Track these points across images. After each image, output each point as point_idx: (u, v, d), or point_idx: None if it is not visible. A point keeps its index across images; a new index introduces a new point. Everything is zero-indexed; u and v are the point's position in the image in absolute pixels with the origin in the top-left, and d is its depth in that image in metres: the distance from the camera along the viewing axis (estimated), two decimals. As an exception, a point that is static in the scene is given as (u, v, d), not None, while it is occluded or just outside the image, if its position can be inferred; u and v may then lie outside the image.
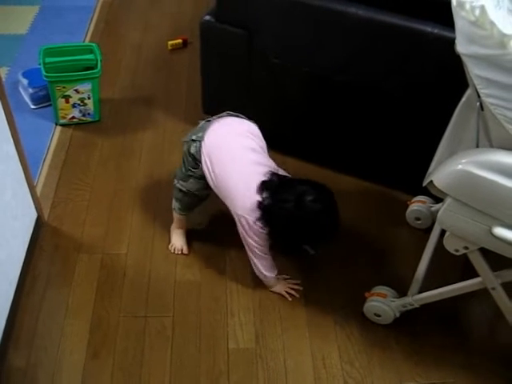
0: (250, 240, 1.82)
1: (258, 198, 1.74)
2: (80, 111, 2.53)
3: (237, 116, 1.93)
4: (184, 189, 1.95)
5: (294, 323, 1.89)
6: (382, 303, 1.82)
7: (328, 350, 1.83)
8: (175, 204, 2.03)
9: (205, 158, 1.82)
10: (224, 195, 1.84)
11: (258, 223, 1.76)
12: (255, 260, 1.88)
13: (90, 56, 2.54)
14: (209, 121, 1.90)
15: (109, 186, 2.30)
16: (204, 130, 1.86)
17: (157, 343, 1.82)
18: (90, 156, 2.43)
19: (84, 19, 3.25)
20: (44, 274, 1.99)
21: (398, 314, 1.84)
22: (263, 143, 1.90)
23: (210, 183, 1.85)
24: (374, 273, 2.02)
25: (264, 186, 1.75)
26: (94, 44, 2.60)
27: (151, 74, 2.90)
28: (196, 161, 1.86)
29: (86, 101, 2.50)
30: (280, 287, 1.97)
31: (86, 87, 2.46)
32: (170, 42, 3.05)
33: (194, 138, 1.86)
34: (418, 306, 1.79)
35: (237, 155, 1.82)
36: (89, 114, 2.56)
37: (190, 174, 1.91)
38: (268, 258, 1.89)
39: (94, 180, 2.32)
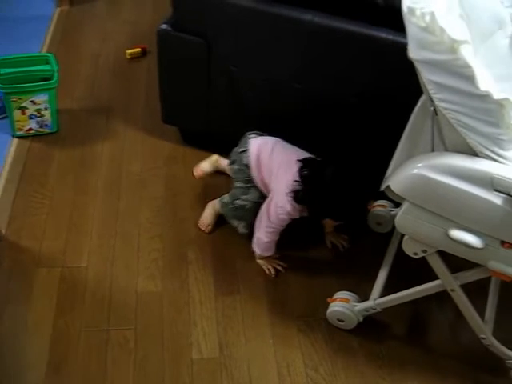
0: (272, 218, 1.93)
1: (296, 176, 1.86)
2: (37, 123, 2.49)
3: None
4: (247, 202, 2.04)
5: (257, 331, 1.88)
6: (345, 308, 1.83)
7: (292, 357, 1.82)
8: (239, 224, 2.09)
9: (254, 153, 2.00)
10: (268, 183, 1.99)
11: (291, 202, 1.87)
12: (261, 235, 1.97)
13: (47, 66, 2.50)
14: (245, 136, 2.08)
15: (68, 199, 2.26)
16: (246, 142, 2.05)
17: (119, 356, 1.79)
18: (49, 168, 2.39)
19: (40, 29, 3.20)
20: (2, 289, 1.94)
21: (361, 319, 1.85)
22: None
23: (258, 177, 2.00)
24: (337, 278, 2.02)
25: (302, 166, 1.88)
26: (50, 54, 2.56)
27: (110, 83, 2.87)
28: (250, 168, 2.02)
29: (43, 112, 2.46)
30: (265, 261, 2.04)
31: (42, 98, 2.43)
32: (129, 51, 3.03)
33: (242, 149, 2.04)
34: (380, 310, 1.80)
35: (278, 149, 2.01)
36: (46, 125, 2.52)
37: (250, 184, 2.04)
38: (272, 241, 1.99)
39: (53, 192, 2.28)
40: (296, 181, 1.85)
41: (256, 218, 2.00)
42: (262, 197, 2.03)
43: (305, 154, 1.96)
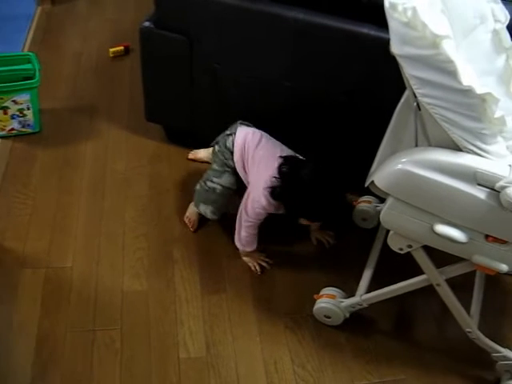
0: (249, 212, 1.94)
1: (275, 172, 1.86)
2: (19, 122, 2.47)
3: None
4: (218, 186, 2.02)
5: (244, 329, 1.88)
6: (331, 304, 1.83)
7: (279, 355, 1.82)
8: (206, 209, 2.07)
9: (240, 141, 1.99)
10: (248, 174, 1.99)
11: (266, 197, 1.87)
12: (241, 229, 1.98)
13: (28, 66, 2.48)
14: (236, 123, 2.08)
15: (52, 198, 2.24)
16: (235, 127, 2.04)
17: (105, 357, 1.78)
18: (32, 168, 2.36)
19: (22, 28, 3.17)
20: (-14, 292, 1.93)
21: (347, 315, 1.85)
22: None
23: (239, 163, 1.99)
24: (323, 275, 2.02)
25: (283, 163, 1.88)
26: (31, 53, 2.54)
27: (93, 82, 2.85)
28: (232, 153, 2.00)
29: (25, 111, 2.44)
30: (250, 259, 2.05)
31: (24, 98, 2.40)
32: (112, 50, 3.01)
33: (228, 132, 2.04)
34: (366, 306, 1.81)
35: (264, 142, 1.99)
36: (29, 125, 2.49)
37: (225, 168, 2.02)
38: (251, 235, 1.99)
39: (36, 193, 2.26)
40: (275, 177, 1.85)
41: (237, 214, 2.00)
42: (235, 184, 2.03)
43: (289, 152, 1.97)
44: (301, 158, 1.94)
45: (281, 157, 1.90)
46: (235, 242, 2.02)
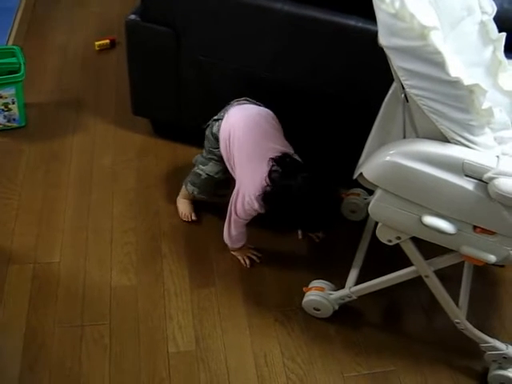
0: (239, 212, 1.89)
1: (267, 177, 1.78)
2: (4, 117, 2.44)
3: (255, 103, 1.99)
4: (203, 173, 2.03)
5: (233, 323, 1.88)
6: (320, 297, 1.83)
7: (269, 348, 1.82)
8: (194, 190, 2.08)
9: (224, 134, 1.90)
10: (236, 171, 1.91)
11: (259, 201, 1.81)
12: (230, 229, 1.96)
13: (13, 59, 2.45)
14: (230, 104, 1.99)
15: (38, 193, 2.23)
16: (226, 110, 1.95)
17: (94, 352, 1.77)
18: (18, 163, 2.34)
19: (6, 21, 3.13)
20: (-27, 288, 1.91)
21: (336, 307, 1.85)
22: (279, 127, 1.95)
23: (225, 156, 1.93)
24: (312, 267, 2.03)
25: (273, 167, 1.79)
26: (16, 47, 2.51)
27: (79, 76, 2.82)
28: (217, 140, 1.95)
29: (10, 106, 2.42)
30: (239, 252, 2.04)
31: (9, 92, 2.38)
32: (98, 43, 2.98)
33: (216, 117, 1.97)
34: (355, 298, 1.81)
35: (255, 134, 1.89)
36: (14, 119, 2.47)
37: (211, 156, 2.00)
38: (241, 233, 1.98)
39: (22, 188, 2.24)
40: (266, 185, 1.78)
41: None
42: (220, 173, 2.02)
43: (283, 143, 1.89)
44: (294, 156, 1.85)
45: (272, 159, 1.79)
46: (224, 240, 2.01)
